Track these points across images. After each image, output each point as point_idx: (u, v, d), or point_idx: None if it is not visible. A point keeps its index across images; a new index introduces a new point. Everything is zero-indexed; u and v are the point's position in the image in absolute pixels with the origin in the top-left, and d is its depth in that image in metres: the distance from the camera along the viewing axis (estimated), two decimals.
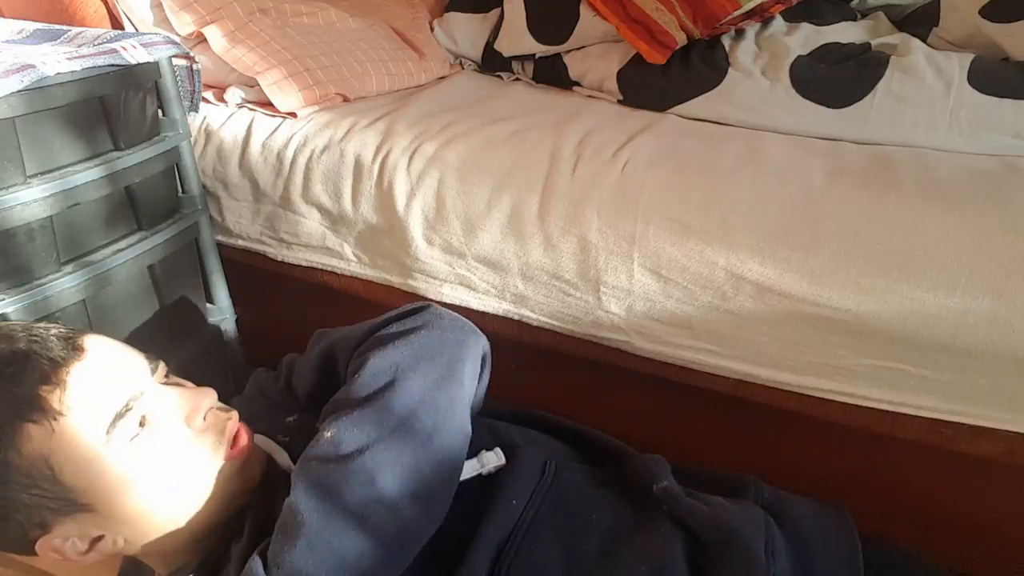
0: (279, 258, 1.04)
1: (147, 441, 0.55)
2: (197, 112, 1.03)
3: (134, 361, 0.59)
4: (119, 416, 0.54)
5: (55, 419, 0.52)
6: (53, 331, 0.57)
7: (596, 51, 1.16)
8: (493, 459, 0.62)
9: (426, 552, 0.56)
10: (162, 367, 0.61)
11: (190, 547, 0.60)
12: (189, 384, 0.63)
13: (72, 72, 0.70)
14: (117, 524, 0.56)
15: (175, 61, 0.90)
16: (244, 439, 0.59)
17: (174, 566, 0.60)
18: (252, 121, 1.01)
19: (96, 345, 0.57)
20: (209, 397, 0.59)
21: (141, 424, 0.55)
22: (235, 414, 0.61)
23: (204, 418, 0.58)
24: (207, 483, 0.58)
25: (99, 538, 0.56)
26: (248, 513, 0.59)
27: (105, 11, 1.12)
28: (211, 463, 0.58)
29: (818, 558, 0.61)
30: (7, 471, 0.51)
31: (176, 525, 0.58)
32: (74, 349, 0.55)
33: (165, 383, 0.60)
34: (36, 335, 0.56)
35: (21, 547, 0.55)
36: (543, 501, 0.61)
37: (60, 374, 0.53)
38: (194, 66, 0.98)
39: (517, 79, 1.26)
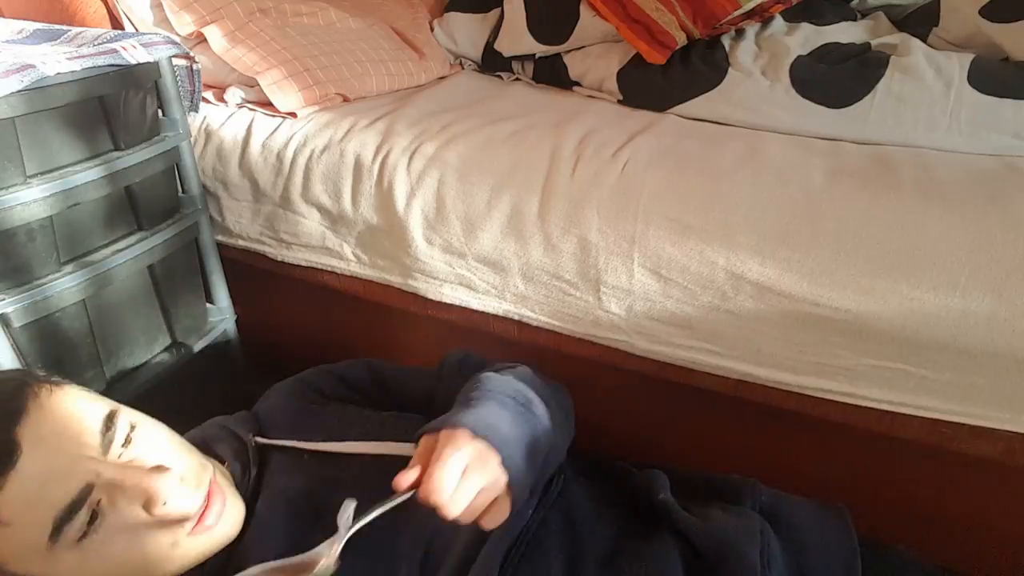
0: (279, 258, 1.04)
1: (98, 538, 0.50)
2: (197, 112, 1.03)
3: (82, 441, 0.52)
4: (62, 521, 0.49)
5: None
6: None
7: (596, 51, 1.16)
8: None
9: (436, 553, 0.57)
10: (121, 427, 0.54)
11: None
12: (155, 433, 0.57)
13: (72, 72, 0.70)
14: None
15: (175, 61, 0.90)
16: (211, 514, 0.55)
17: None
18: (252, 121, 1.01)
19: (35, 434, 0.50)
20: (169, 480, 0.52)
21: (91, 517, 0.50)
22: (208, 481, 0.56)
23: (165, 504, 0.52)
24: (174, 558, 0.54)
25: None
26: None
27: (105, 11, 1.12)
28: (175, 545, 0.54)
29: (817, 559, 0.61)
30: None
31: None
32: (7, 451, 0.48)
33: (124, 455, 0.53)
34: None
35: None
36: (550, 510, 0.63)
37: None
38: (194, 66, 0.98)
39: (517, 79, 1.26)
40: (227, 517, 0.57)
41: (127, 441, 0.54)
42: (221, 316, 1.01)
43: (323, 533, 0.53)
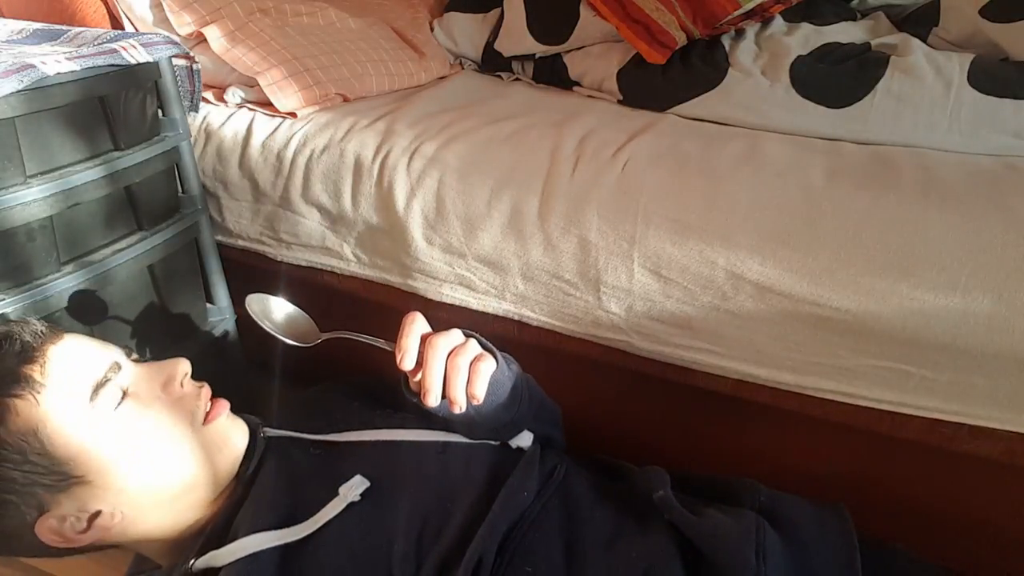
0: (279, 258, 1.04)
1: (130, 408, 0.58)
2: (197, 112, 1.03)
3: (108, 344, 0.63)
4: (100, 384, 0.57)
5: (39, 392, 0.54)
6: (30, 319, 0.61)
7: (596, 51, 1.16)
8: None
9: (432, 530, 0.59)
10: (133, 354, 0.65)
11: (187, 530, 0.61)
12: None
13: (72, 72, 0.70)
14: (112, 495, 0.57)
15: (175, 61, 0.90)
16: (218, 406, 0.64)
17: (177, 555, 0.61)
18: (252, 121, 1.01)
19: (71, 333, 0.61)
20: (182, 364, 0.63)
21: (123, 395, 0.58)
22: (206, 385, 0.66)
23: (181, 385, 0.62)
24: (192, 447, 0.61)
25: (97, 514, 0.57)
26: (240, 485, 0.64)
27: (105, 11, 1.12)
28: (192, 427, 0.61)
29: (816, 559, 0.61)
30: None
31: (170, 492, 0.60)
32: (51, 330, 0.59)
33: (138, 361, 0.64)
34: (13, 319, 0.60)
35: (21, 535, 0.56)
36: (551, 497, 0.64)
37: (40, 350, 0.56)
38: (194, 66, 0.98)
39: (517, 79, 1.26)
40: (233, 423, 0.66)
41: (139, 360, 0.64)
42: (221, 316, 1.01)
43: (321, 504, 0.60)
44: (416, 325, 0.60)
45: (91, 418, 0.56)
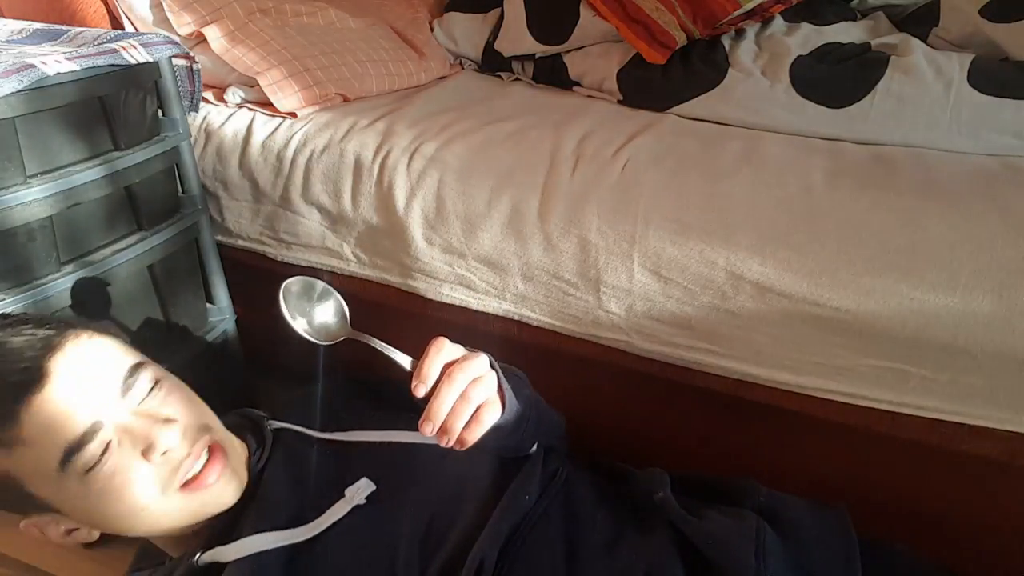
0: (279, 258, 1.04)
1: (104, 472, 0.55)
2: (197, 112, 1.03)
3: (104, 382, 0.57)
4: (72, 451, 0.54)
5: (12, 448, 0.53)
6: (25, 350, 0.55)
7: (596, 51, 1.16)
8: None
9: (435, 535, 0.59)
10: (144, 379, 0.59)
11: (192, 526, 0.61)
12: (174, 391, 0.62)
13: (72, 72, 0.70)
14: (88, 525, 0.59)
15: (175, 61, 0.90)
16: (208, 471, 0.59)
17: (184, 546, 0.62)
18: (252, 121, 1.01)
19: (64, 367, 0.55)
20: (170, 433, 0.57)
21: (104, 449, 0.55)
22: (210, 442, 0.61)
23: (162, 454, 0.57)
24: (164, 507, 0.58)
25: (75, 528, 0.59)
26: (249, 479, 0.63)
27: (105, 11, 1.12)
28: (165, 494, 0.58)
29: (816, 559, 0.61)
30: None
31: (149, 532, 0.60)
32: (34, 378, 0.54)
33: (141, 404, 0.58)
34: (9, 341, 0.55)
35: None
36: (553, 500, 0.64)
37: (15, 409, 0.53)
38: (194, 66, 0.98)
39: (517, 79, 1.26)
40: (225, 482, 0.61)
41: (148, 394, 0.59)
42: (221, 316, 1.01)
43: (327, 504, 0.59)
44: (442, 355, 0.56)
45: (61, 481, 0.55)
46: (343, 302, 0.67)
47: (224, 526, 0.60)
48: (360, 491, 0.61)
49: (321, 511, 0.60)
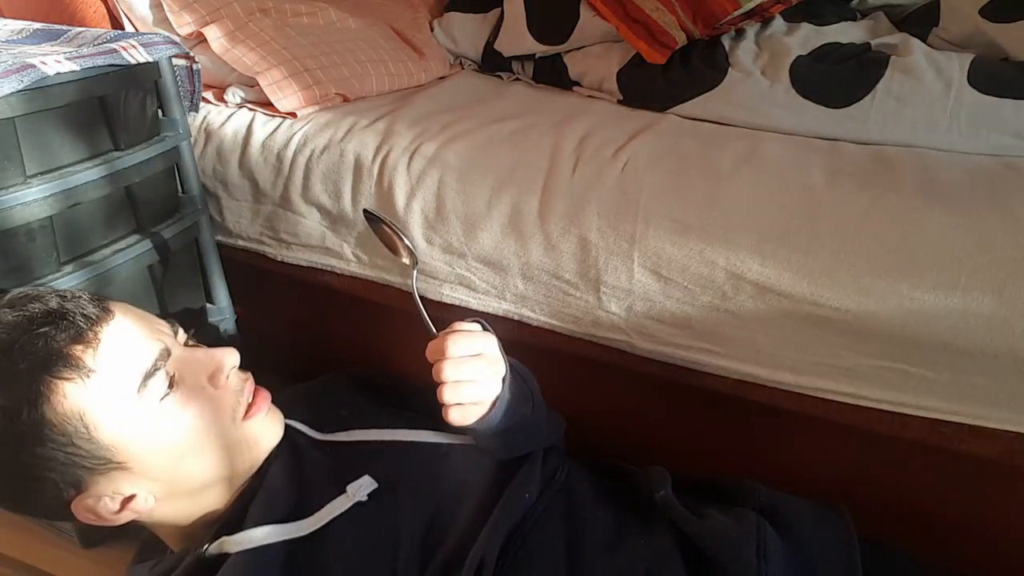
0: (279, 258, 1.04)
1: (175, 400, 0.58)
2: (197, 112, 1.03)
3: (159, 324, 0.62)
4: (149, 375, 0.57)
5: (88, 376, 0.54)
6: (81, 294, 0.60)
7: (596, 51, 1.16)
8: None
9: (436, 533, 0.59)
10: (182, 332, 0.65)
11: (205, 518, 0.62)
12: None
13: (72, 72, 0.70)
14: (148, 481, 0.58)
15: (175, 61, 0.90)
16: (261, 399, 0.65)
17: (189, 540, 0.62)
18: (252, 121, 1.01)
19: (123, 308, 0.61)
20: (231, 356, 0.63)
21: (169, 383, 0.58)
22: (250, 377, 0.66)
23: (227, 377, 0.62)
24: (228, 442, 0.61)
25: (131, 497, 0.58)
26: (262, 477, 0.64)
27: (105, 11, 1.12)
28: (232, 423, 0.61)
29: (816, 559, 0.61)
30: (43, 428, 0.53)
31: (202, 481, 0.61)
32: (104, 311, 0.58)
33: (188, 345, 0.64)
34: (67, 295, 0.59)
35: (55, 509, 0.57)
36: (553, 498, 0.65)
37: (93, 333, 0.55)
38: (194, 66, 0.98)
39: (517, 79, 1.26)
40: (273, 414, 0.66)
41: (188, 340, 0.65)
42: (221, 316, 1.01)
43: (328, 500, 0.61)
44: (457, 346, 0.60)
45: (137, 409, 0.56)
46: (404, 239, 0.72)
47: (231, 517, 0.61)
48: (362, 488, 0.62)
49: (321, 505, 0.60)
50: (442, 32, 1.32)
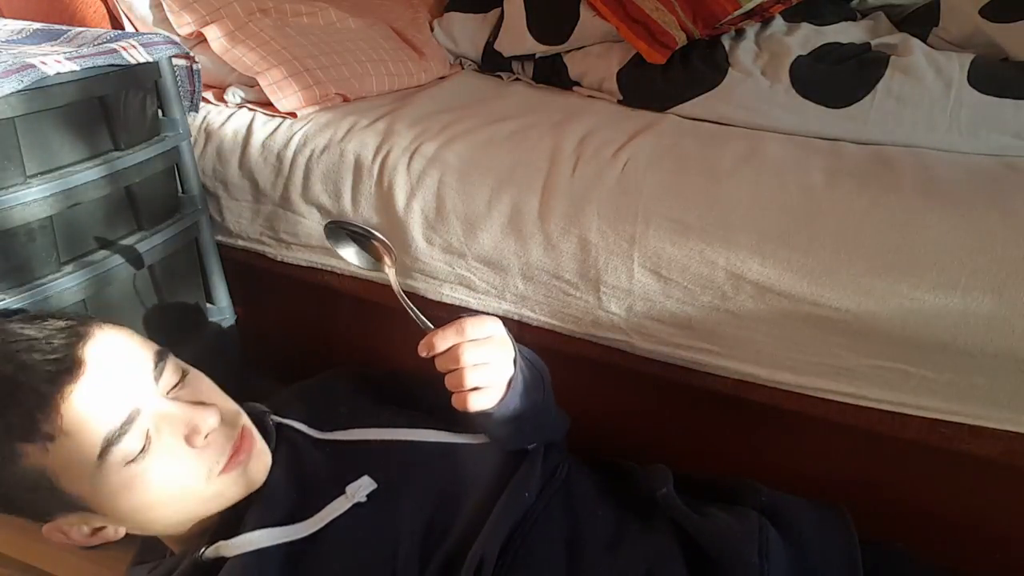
0: (279, 258, 1.04)
1: (144, 461, 0.55)
2: (197, 112, 1.03)
3: (137, 370, 0.57)
4: (112, 441, 0.53)
5: (50, 441, 0.52)
6: (54, 338, 0.55)
7: (596, 51, 1.16)
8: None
9: (436, 532, 0.59)
10: (170, 367, 0.60)
11: (201, 523, 0.62)
12: (199, 380, 0.63)
13: (72, 72, 0.70)
14: (118, 521, 0.58)
15: (175, 61, 0.90)
16: (243, 451, 0.60)
17: (188, 543, 0.62)
18: (252, 121, 1.01)
19: (97, 355, 0.55)
20: (211, 416, 0.58)
21: (143, 442, 0.55)
22: (241, 425, 0.62)
23: (206, 436, 0.58)
24: (205, 496, 0.59)
25: (101, 528, 0.58)
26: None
27: (105, 11, 1.12)
28: (206, 480, 0.58)
29: (817, 559, 0.61)
30: (8, 478, 0.53)
31: (179, 521, 0.60)
32: (70, 367, 0.53)
33: (171, 392, 0.59)
34: (33, 347, 0.54)
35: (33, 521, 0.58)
36: (554, 496, 0.64)
37: (54, 399, 0.52)
38: (194, 66, 0.98)
39: (517, 79, 1.26)
40: (257, 458, 0.62)
41: (177, 384, 0.60)
42: (221, 316, 1.01)
43: (327, 501, 0.60)
44: (460, 335, 0.59)
45: (100, 472, 0.54)
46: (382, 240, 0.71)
47: (229, 521, 0.61)
48: (361, 489, 0.61)
49: (320, 507, 0.60)
50: (442, 32, 1.32)
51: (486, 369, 0.59)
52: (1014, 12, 1.00)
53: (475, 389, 0.59)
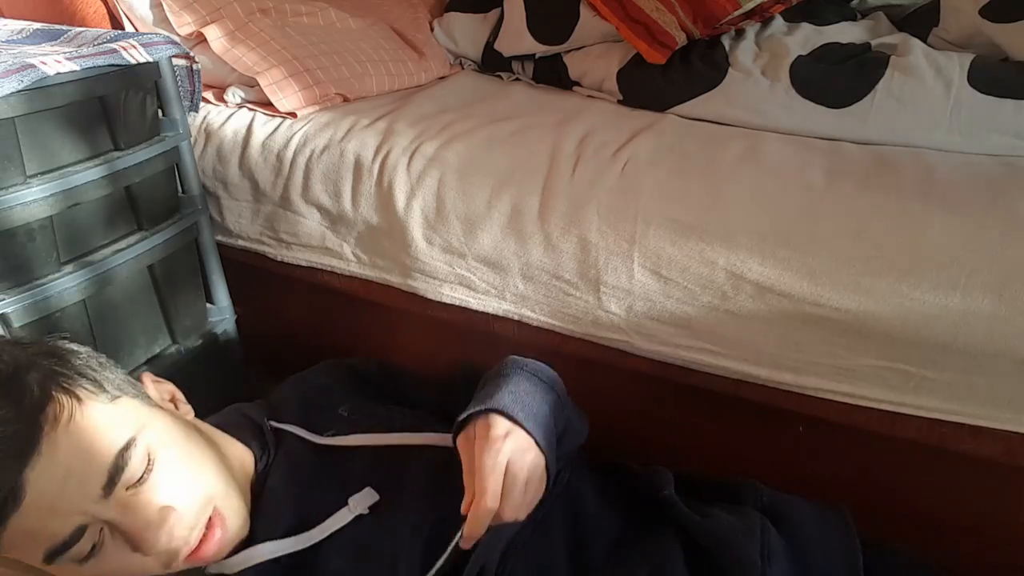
0: (279, 258, 1.04)
1: (95, 561, 0.52)
2: (197, 112, 1.03)
3: (90, 481, 0.51)
4: (54, 553, 0.50)
5: None
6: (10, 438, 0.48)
7: (596, 51, 1.16)
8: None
9: (436, 546, 0.57)
10: (137, 457, 0.53)
11: None
12: (169, 466, 0.56)
13: (72, 72, 0.70)
14: None
15: (175, 61, 0.90)
16: (206, 546, 0.55)
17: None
18: (252, 121, 1.01)
19: (41, 476, 0.49)
20: (163, 533, 0.52)
21: (91, 546, 0.51)
22: (209, 515, 0.56)
23: (159, 542, 0.52)
24: (171, 573, 0.56)
25: None
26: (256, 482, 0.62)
27: (105, 11, 1.12)
28: (167, 568, 0.55)
29: (818, 559, 0.61)
30: None
31: None
32: (10, 497, 0.48)
33: (130, 490, 0.52)
34: None
35: None
36: (555, 501, 0.63)
37: (4, 510, 0.48)
38: (194, 66, 0.98)
39: (517, 79, 1.26)
40: (225, 542, 0.57)
41: (140, 480, 0.53)
42: (221, 316, 1.01)
43: (328, 512, 0.58)
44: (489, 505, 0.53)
45: (49, 569, 0.50)
46: None
47: None
48: (363, 501, 0.60)
49: (322, 518, 0.59)
50: (442, 32, 1.32)
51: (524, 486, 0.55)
52: (1014, 12, 1.00)
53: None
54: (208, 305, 1.00)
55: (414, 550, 0.58)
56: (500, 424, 0.55)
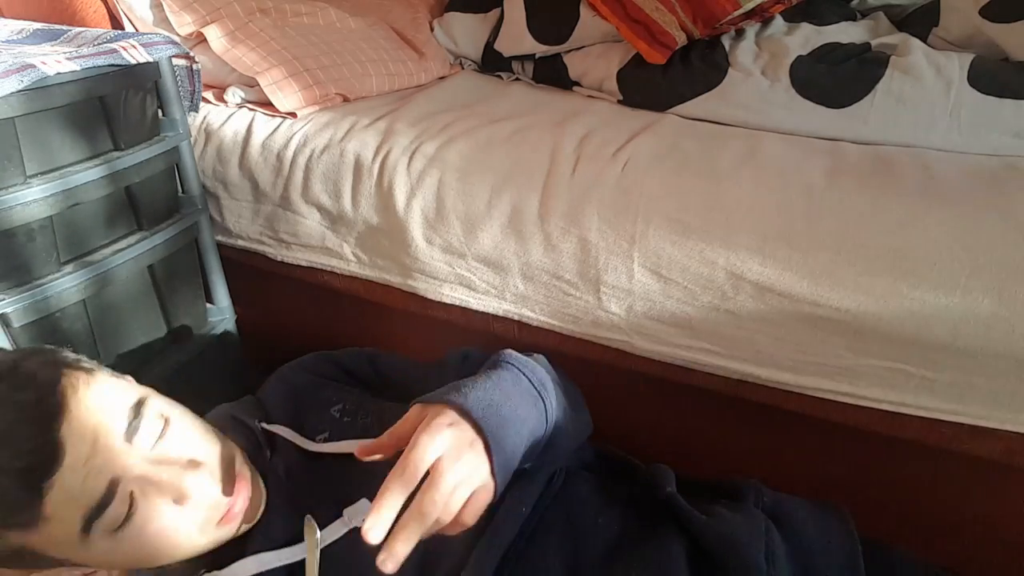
0: (279, 258, 1.04)
1: (130, 527, 0.53)
2: (197, 112, 1.03)
3: (112, 436, 0.53)
4: (94, 516, 0.51)
5: (31, 527, 0.50)
6: (22, 427, 0.50)
7: (596, 51, 1.16)
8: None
9: (436, 557, 0.56)
10: (149, 418, 0.55)
11: (199, 556, 0.60)
12: (185, 425, 0.58)
13: (72, 72, 0.70)
14: (111, 568, 0.57)
15: (175, 61, 0.90)
16: (239, 508, 0.56)
17: (187, 566, 0.61)
18: (252, 121, 1.01)
19: (73, 430, 0.51)
20: (199, 480, 0.54)
21: (129, 507, 0.52)
22: (241, 474, 0.58)
23: (194, 498, 0.54)
24: (201, 542, 0.57)
25: (93, 572, 0.58)
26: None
27: (105, 11, 1.12)
28: (200, 533, 0.56)
29: (819, 560, 0.61)
30: None
31: (175, 561, 0.58)
32: (43, 460, 0.50)
33: (154, 448, 0.54)
34: (6, 433, 0.50)
35: None
36: (550, 507, 0.62)
37: (30, 494, 0.50)
38: (194, 66, 0.98)
39: (517, 79, 1.26)
40: (252, 504, 0.59)
41: (160, 435, 0.55)
42: (221, 316, 1.01)
43: (323, 524, 0.57)
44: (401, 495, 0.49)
45: (86, 542, 0.52)
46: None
47: (227, 550, 0.59)
48: (359, 513, 0.59)
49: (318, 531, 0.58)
50: (442, 32, 1.33)
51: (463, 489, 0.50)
52: (1014, 12, 1.00)
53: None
54: (208, 305, 1.00)
55: (411, 559, 0.57)
56: (449, 417, 0.52)
